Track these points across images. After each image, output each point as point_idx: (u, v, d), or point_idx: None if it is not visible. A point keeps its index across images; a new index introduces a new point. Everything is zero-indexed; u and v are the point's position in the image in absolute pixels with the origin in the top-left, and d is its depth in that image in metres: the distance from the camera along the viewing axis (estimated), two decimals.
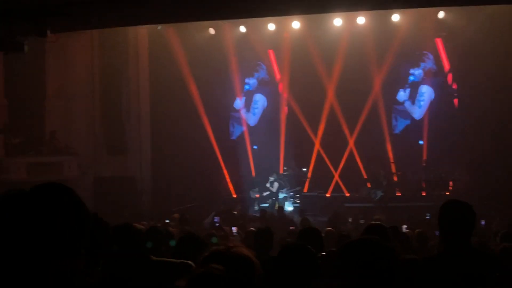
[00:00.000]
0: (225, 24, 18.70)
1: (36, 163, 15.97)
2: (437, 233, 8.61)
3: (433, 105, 19.03)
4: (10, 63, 15.30)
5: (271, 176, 18.12)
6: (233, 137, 20.20)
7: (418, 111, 19.16)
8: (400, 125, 19.40)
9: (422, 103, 19.10)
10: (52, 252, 1.53)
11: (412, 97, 19.24)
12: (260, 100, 20.25)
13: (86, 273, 1.66)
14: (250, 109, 20.28)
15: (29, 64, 15.80)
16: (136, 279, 2.89)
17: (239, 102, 20.13)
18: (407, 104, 19.25)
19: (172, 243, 5.51)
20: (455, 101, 18.97)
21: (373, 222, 6.03)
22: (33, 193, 1.58)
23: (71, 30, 13.88)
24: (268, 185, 18.00)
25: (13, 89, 16.23)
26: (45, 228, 1.53)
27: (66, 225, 1.57)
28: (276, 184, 17.95)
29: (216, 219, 12.93)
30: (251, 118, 20.25)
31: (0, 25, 9.02)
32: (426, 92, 19.10)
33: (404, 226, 10.15)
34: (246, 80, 20.19)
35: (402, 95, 19.23)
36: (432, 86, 19.07)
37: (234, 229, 10.45)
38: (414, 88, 19.22)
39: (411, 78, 19.19)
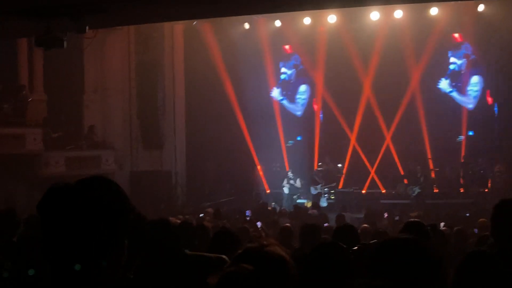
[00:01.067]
0: (260, 18, 18.65)
1: (74, 157, 16.25)
2: (476, 231, 8.44)
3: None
4: (50, 59, 15.58)
5: (288, 173, 18.10)
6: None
7: (472, 101, 18.65)
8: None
9: (475, 93, 18.61)
10: (99, 246, 1.54)
11: (458, 87, 18.74)
12: (305, 91, 20.15)
13: (126, 267, 1.68)
14: (294, 100, 20.17)
15: (68, 60, 16.05)
16: (171, 274, 2.90)
17: (276, 92, 20.08)
18: (455, 94, 18.77)
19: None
20: (487, 93, 18.45)
21: (412, 219, 5.91)
22: (79, 187, 1.59)
23: (109, 26, 14.02)
24: (292, 182, 17.90)
25: (53, 85, 16.54)
26: (92, 221, 1.55)
27: (113, 218, 1.59)
28: (298, 181, 17.88)
29: (248, 213, 12.92)
30: (297, 108, 20.16)
31: (39, 21, 9.18)
32: (478, 82, 18.62)
33: (442, 224, 9.96)
34: (283, 70, 20.11)
35: (444, 83, 18.75)
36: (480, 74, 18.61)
37: (259, 224, 10.42)
38: (455, 77, 18.75)
39: (451, 67, 18.73)
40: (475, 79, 18.59)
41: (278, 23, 18.83)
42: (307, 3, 11.94)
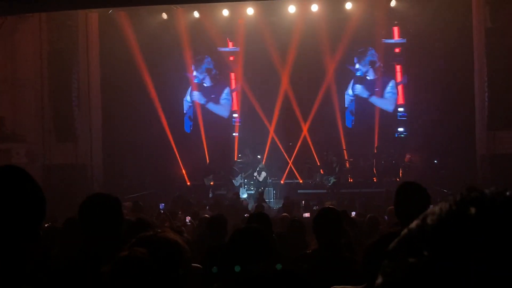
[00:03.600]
0: (178, 9, 18.46)
1: None
2: (386, 218, 8.83)
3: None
4: None
5: (260, 165, 18.06)
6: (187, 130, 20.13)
7: (388, 104, 19.43)
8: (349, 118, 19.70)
9: (389, 95, 19.39)
10: (9, 235, 1.51)
11: (376, 92, 19.47)
12: (227, 92, 20.18)
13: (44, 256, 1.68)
14: (219, 102, 20.17)
15: None
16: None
17: (196, 96, 20.04)
18: (373, 99, 19.48)
19: None
20: (400, 89, 19.34)
21: (326, 206, 6.10)
22: None
23: (18, 12, 13.41)
24: (255, 174, 17.88)
25: None
26: (1, 210, 1.53)
27: (23, 207, 1.57)
28: (263, 174, 17.86)
29: (161, 205, 12.79)
30: (222, 110, 20.16)
31: None
32: (393, 86, 19.43)
33: (353, 213, 10.35)
34: (196, 74, 20.07)
35: (359, 88, 19.44)
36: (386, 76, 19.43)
37: (188, 219, 10.37)
38: (369, 84, 19.50)
39: (357, 73, 19.46)
40: (391, 83, 19.38)
41: (196, 14, 18.72)
42: None
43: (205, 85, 20.22)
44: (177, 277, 1.75)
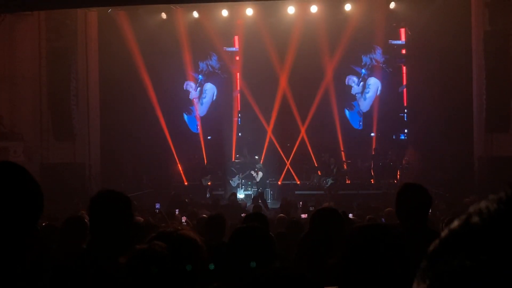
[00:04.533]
0: (178, 8, 18.46)
1: None
2: (383, 219, 8.84)
3: (383, 96, 19.42)
4: None
5: (257, 164, 18.04)
6: (194, 130, 20.10)
7: (364, 104, 19.49)
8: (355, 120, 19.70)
9: (368, 95, 19.44)
10: (6, 229, 1.51)
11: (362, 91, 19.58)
12: (209, 89, 20.15)
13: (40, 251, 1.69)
14: (199, 100, 20.17)
15: None
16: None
17: (193, 93, 20.02)
18: (358, 97, 19.55)
19: None
20: (404, 91, 19.39)
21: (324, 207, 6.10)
22: None
23: (16, 10, 13.40)
24: (253, 173, 17.84)
25: None
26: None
27: (21, 202, 1.58)
28: (260, 174, 17.83)
29: (157, 205, 12.75)
30: (200, 108, 20.14)
31: None
32: (373, 85, 19.44)
33: (350, 214, 10.34)
34: (197, 74, 20.06)
35: (356, 88, 19.49)
36: (380, 78, 19.43)
37: (184, 219, 10.35)
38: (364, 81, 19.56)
39: (363, 71, 19.48)
40: (371, 81, 19.42)
41: (195, 14, 18.71)
42: None
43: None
44: (193, 274, 1.76)
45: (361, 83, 19.48)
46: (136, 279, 1.71)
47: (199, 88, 20.07)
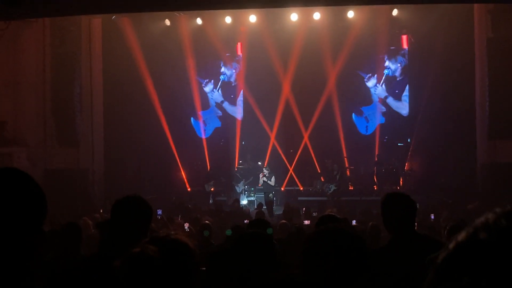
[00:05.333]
0: (181, 15, 18.54)
1: None
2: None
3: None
4: None
5: (265, 169, 17.99)
6: (205, 135, 20.16)
7: (406, 107, 19.45)
8: (372, 126, 19.66)
9: (407, 99, 19.43)
10: (12, 230, 1.56)
11: (395, 94, 19.49)
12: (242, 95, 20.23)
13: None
14: (236, 103, 20.22)
15: None
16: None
17: (216, 94, 20.09)
18: (390, 100, 19.48)
19: None
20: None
21: (326, 213, 6.11)
22: None
23: (21, 17, 13.48)
24: (265, 179, 17.76)
25: None
26: (4, 207, 1.57)
27: (24, 205, 1.61)
28: (273, 178, 17.76)
29: (159, 211, 12.76)
30: (237, 112, 20.19)
31: None
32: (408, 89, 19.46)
33: (354, 221, 10.33)
34: (223, 70, 20.14)
35: (381, 90, 19.43)
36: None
37: (186, 225, 10.36)
38: (390, 83, 19.52)
39: (386, 71, 19.45)
40: (407, 87, 19.43)
41: (199, 21, 18.79)
42: (227, 3, 12.00)
43: (232, 84, 20.25)
44: (185, 278, 1.79)
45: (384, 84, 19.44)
46: (128, 282, 1.76)
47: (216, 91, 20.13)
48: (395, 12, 17.97)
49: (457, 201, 14.39)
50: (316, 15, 18.05)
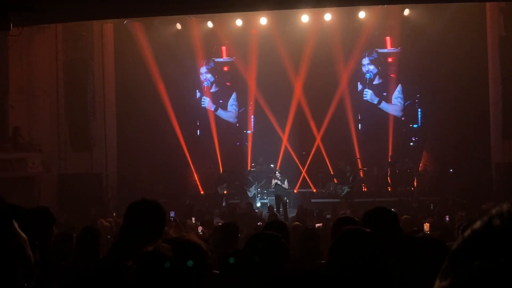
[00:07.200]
0: (192, 19, 18.61)
1: None
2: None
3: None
4: None
5: (277, 172, 17.85)
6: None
7: (398, 110, 19.41)
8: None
9: (399, 100, 19.36)
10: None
11: (384, 97, 19.44)
12: (235, 98, 20.28)
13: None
14: (227, 108, 20.26)
15: None
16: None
17: (207, 102, 20.13)
18: (383, 105, 19.43)
19: None
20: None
21: (342, 215, 6.09)
22: None
23: (34, 23, 13.60)
24: (278, 182, 17.52)
25: None
26: None
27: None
28: (286, 182, 17.63)
29: (172, 213, 12.79)
30: (230, 117, 20.24)
31: None
32: (400, 91, 19.38)
33: None
34: (205, 76, 20.16)
35: (370, 94, 19.40)
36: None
37: (200, 228, 10.38)
38: (378, 88, 19.47)
39: (367, 75, 19.40)
40: (398, 88, 19.34)
41: (210, 24, 18.84)
42: (238, 5, 12.00)
43: (211, 91, 20.32)
44: (197, 278, 1.80)
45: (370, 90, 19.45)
46: (141, 280, 1.78)
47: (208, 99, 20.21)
48: (406, 12, 17.88)
49: (472, 201, 14.27)
50: (327, 16, 18.01)
